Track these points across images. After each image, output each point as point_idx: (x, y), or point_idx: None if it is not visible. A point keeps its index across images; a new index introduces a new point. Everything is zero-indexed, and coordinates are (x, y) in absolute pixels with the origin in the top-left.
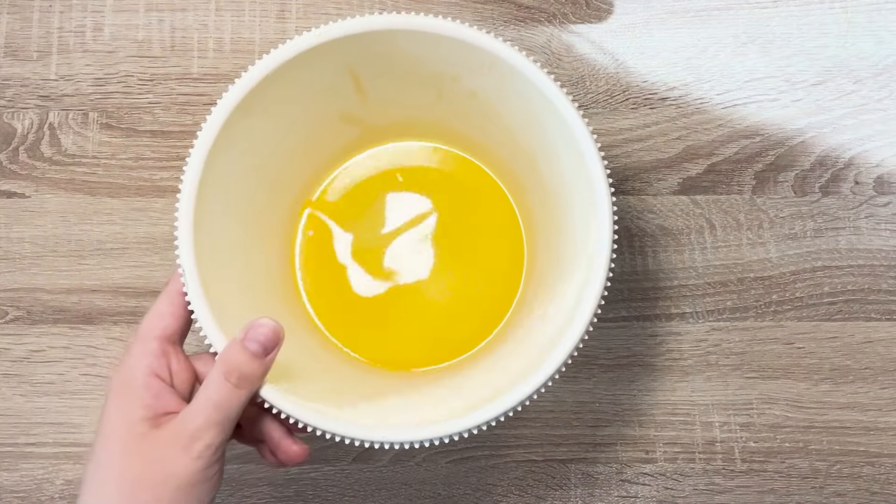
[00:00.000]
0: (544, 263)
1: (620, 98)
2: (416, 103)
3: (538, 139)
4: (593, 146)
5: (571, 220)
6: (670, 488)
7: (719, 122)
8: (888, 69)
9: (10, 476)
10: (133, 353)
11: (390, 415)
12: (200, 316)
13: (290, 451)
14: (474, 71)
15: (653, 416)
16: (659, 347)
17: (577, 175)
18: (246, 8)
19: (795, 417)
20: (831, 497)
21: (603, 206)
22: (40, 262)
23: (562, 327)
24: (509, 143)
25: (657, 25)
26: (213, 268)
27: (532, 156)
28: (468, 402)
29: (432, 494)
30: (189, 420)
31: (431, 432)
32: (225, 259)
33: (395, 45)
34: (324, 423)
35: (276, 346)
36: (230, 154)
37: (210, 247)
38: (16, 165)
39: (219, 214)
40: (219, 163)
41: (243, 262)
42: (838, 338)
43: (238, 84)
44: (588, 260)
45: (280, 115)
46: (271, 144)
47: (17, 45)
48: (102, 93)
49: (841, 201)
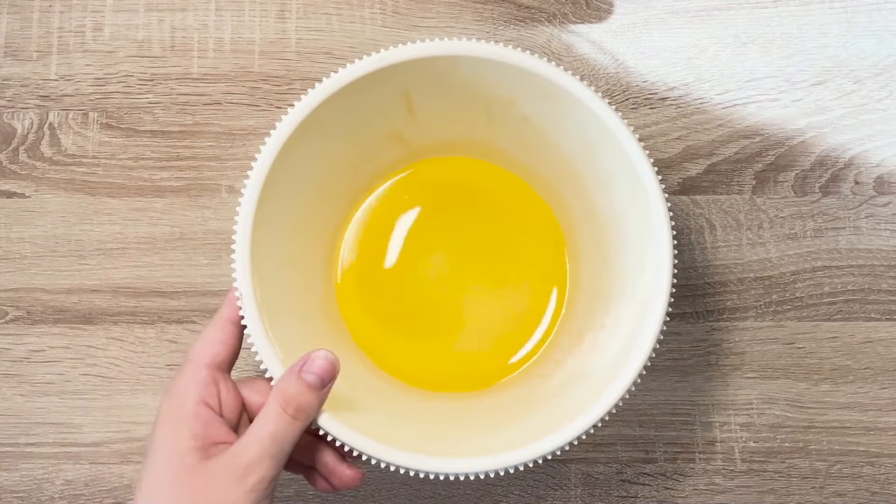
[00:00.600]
0: (590, 290)
1: (620, 98)
2: (464, 125)
3: (592, 166)
4: (653, 175)
5: (623, 249)
6: (670, 488)
7: (719, 122)
8: (888, 69)
9: (10, 476)
10: (183, 381)
11: (449, 444)
12: (258, 341)
13: (345, 476)
14: (531, 97)
15: (653, 416)
16: (659, 347)
17: (633, 204)
18: (246, 8)
19: (795, 417)
20: (831, 497)
21: (662, 234)
22: (40, 262)
23: (618, 357)
24: (559, 168)
25: (657, 25)
26: (268, 291)
27: (583, 182)
28: (528, 431)
29: (432, 494)
30: (243, 452)
31: (493, 463)
32: (278, 282)
33: (455, 70)
34: (386, 454)
35: (333, 377)
36: (285, 178)
37: (265, 270)
38: (16, 165)
39: (273, 237)
40: (275, 188)
41: (295, 282)
42: (838, 338)
43: (298, 108)
44: (645, 288)
45: (334, 135)
46: (326, 165)
47: (17, 45)
48: (102, 93)
49: (841, 201)
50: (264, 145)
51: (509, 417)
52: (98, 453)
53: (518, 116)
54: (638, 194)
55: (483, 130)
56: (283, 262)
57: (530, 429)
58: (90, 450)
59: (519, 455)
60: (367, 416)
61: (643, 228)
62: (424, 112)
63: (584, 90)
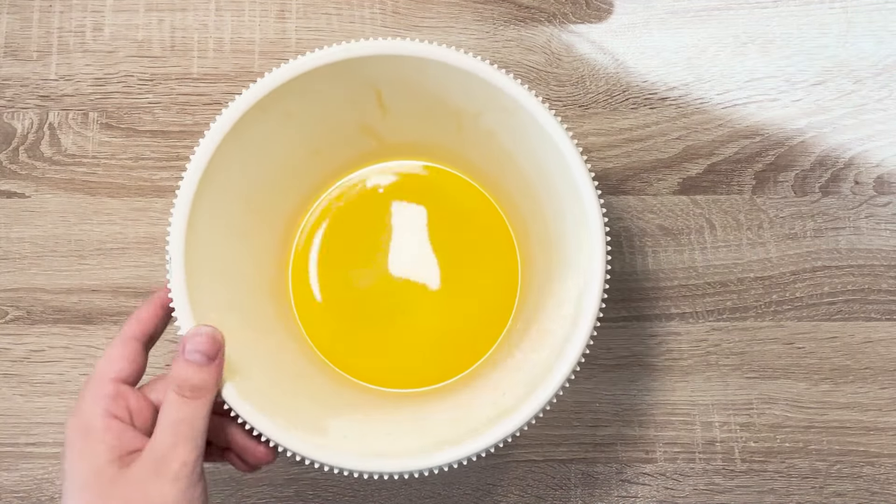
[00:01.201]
0: (540, 284)
1: (620, 98)
2: (436, 130)
3: (548, 192)
4: (592, 191)
5: (566, 243)
6: (670, 488)
7: (719, 122)
8: (888, 69)
9: (10, 476)
10: (87, 398)
11: (387, 441)
12: (180, 312)
13: (258, 452)
14: (495, 111)
15: (653, 416)
16: (659, 347)
17: (574, 214)
18: (246, 8)
19: (795, 417)
20: (831, 497)
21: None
22: (40, 262)
23: (562, 343)
24: (521, 187)
25: (657, 25)
26: (200, 264)
27: (540, 204)
28: (471, 426)
29: (432, 494)
30: (157, 446)
31: (432, 461)
32: (216, 261)
33: (424, 74)
34: (310, 451)
35: (219, 350)
36: (241, 150)
37: (202, 244)
38: (16, 165)
39: (218, 213)
40: (228, 158)
41: (235, 262)
42: (838, 338)
43: (259, 83)
44: (583, 275)
45: (298, 118)
46: (286, 146)
47: (17, 45)
48: (102, 93)
49: (841, 201)
50: (220, 115)
51: (458, 411)
52: None
53: (484, 130)
54: (582, 226)
55: (454, 137)
56: (231, 235)
57: (478, 421)
58: None
59: (460, 450)
60: (282, 398)
61: (585, 263)
62: (396, 111)
63: (544, 113)
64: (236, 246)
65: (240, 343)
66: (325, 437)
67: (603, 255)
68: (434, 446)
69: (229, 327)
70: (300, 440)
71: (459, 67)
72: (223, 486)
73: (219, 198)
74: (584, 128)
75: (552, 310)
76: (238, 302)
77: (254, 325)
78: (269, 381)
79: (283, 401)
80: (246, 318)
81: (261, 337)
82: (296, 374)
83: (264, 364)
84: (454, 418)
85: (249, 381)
